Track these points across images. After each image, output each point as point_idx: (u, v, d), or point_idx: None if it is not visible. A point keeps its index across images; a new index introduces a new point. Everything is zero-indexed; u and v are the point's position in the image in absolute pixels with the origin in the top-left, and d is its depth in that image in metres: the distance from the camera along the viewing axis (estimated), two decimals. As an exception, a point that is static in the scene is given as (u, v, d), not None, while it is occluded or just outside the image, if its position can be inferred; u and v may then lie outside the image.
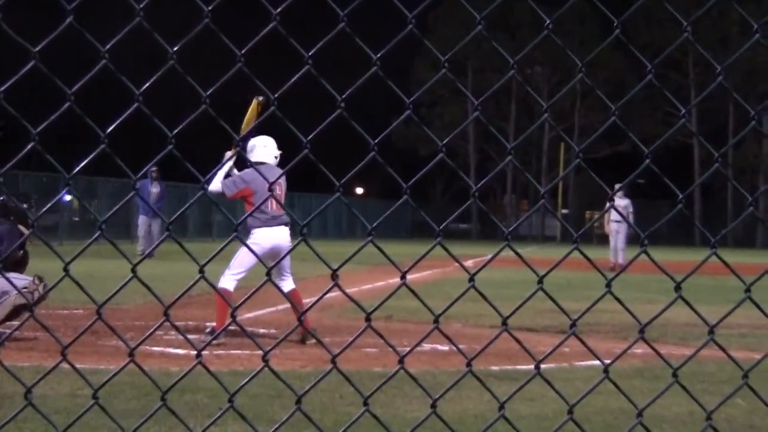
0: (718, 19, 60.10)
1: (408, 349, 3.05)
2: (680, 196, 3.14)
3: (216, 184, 9.97)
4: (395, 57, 3.01)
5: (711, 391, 7.00)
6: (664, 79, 60.31)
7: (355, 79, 2.88)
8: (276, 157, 10.20)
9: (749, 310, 3.31)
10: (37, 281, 9.65)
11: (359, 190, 74.95)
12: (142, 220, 27.04)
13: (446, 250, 2.92)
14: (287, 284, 10.11)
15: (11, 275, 9.62)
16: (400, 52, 3.04)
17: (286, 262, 10.18)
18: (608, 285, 3.02)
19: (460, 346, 3.16)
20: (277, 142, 10.27)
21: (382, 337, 2.91)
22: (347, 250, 3.52)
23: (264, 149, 10.17)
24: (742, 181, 63.38)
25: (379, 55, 2.85)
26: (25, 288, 9.55)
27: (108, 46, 2.63)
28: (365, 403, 2.91)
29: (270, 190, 3.20)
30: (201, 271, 2.73)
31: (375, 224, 2.95)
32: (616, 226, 25.61)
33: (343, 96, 2.87)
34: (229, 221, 2.96)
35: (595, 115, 67.97)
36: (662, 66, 54.58)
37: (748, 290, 3.10)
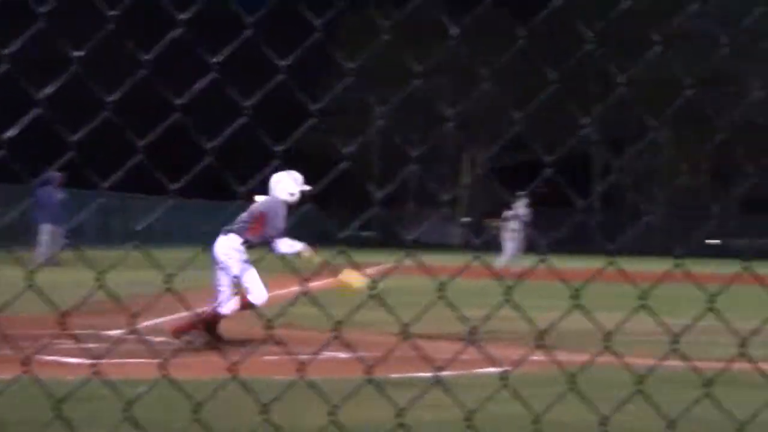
0: (626, 31, 61.23)
1: (309, 356, 3.05)
2: (579, 204, 3.19)
3: (294, 247, 10.14)
4: (308, 66, 3.02)
5: (606, 398, 7.10)
6: (569, 89, 61.22)
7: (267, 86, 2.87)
8: (292, 195, 10.25)
9: (646, 316, 3.37)
10: None
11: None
12: (46, 228, 26.26)
13: (348, 258, 2.92)
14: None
15: None
16: (312, 60, 3.03)
17: None
18: (506, 293, 3.05)
19: (363, 354, 3.16)
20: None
21: (282, 345, 2.90)
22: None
23: (287, 186, 10.27)
24: (641, 190, 64.66)
25: (289, 62, 2.84)
26: None
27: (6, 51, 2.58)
28: (264, 411, 2.90)
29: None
30: (98, 279, 2.69)
31: (288, 229, 2.95)
32: (512, 234, 26.19)
33: (249, 102, 2.86)
34: (130, 228, 2.92)
35: (500, 123, 68.59)
36: (567, 77, 55.30)
37: (642, 298, 3.16)
